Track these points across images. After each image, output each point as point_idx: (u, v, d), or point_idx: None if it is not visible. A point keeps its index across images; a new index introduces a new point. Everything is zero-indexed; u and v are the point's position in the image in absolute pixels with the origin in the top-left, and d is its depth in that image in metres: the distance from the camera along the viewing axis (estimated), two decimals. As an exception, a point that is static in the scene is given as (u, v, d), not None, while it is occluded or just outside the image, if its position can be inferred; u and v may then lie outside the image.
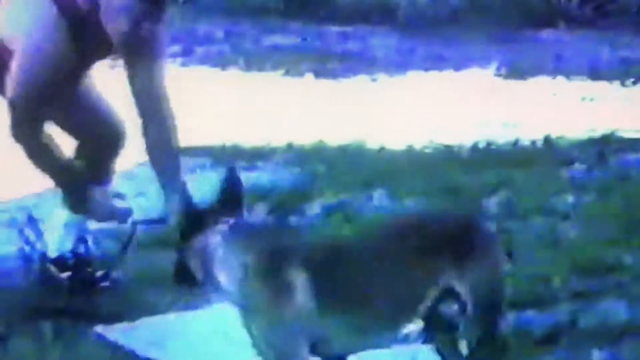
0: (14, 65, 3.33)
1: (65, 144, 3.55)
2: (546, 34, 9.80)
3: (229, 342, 3.20)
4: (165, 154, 3.37)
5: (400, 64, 8.45)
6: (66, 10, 3.32)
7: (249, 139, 5.56)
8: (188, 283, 2.67)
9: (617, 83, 7.62)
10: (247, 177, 4.93)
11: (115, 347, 3.19)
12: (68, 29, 3.33)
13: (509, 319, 3.27)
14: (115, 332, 3.27)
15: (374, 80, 7.99)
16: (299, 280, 2.49)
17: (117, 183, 5.00)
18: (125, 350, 3.17)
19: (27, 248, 3.91)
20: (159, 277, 3.39)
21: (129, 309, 3.45)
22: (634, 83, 7.61)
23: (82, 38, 3.34)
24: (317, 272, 2.51)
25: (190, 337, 3.24)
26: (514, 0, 10.28)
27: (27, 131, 3.39)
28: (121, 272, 3.64)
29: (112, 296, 3.56)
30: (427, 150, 5.71)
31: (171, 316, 3.40)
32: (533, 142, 5.71)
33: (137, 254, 3.90)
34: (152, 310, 3.43)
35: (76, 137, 3.62)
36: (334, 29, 9.28)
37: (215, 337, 3.24)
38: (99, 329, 3.29)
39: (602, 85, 7.62)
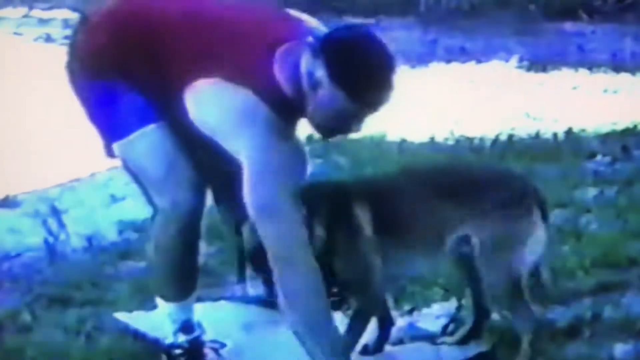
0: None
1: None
2: (568, 26, 9.77)
3: (251, 333, 3.21)
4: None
5: (422, 56, 8.44)
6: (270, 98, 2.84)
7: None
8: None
9: (640, 75, 7.60)
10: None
11: (138, 337, 3.21)
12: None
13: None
14: (138, 322, 3.28)
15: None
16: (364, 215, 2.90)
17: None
18: (147, 340, 3.18)
19: (50, 239, 3.94)
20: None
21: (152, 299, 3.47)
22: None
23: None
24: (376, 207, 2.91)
25: (212, 327, 3.25)
26: (536, -8, 10.25)
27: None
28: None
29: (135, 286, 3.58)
30: (449, 143, 5.70)
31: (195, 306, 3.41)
32: (555, 135, 5.70)
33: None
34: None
35: None
36: (356, 21, 9.27)
37: (237, 328, 3.25)
38: (121, 315, 3.30)
39: (625, 77, 7.59)
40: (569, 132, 5.75)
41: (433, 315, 3.27)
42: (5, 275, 3.72)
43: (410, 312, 3.32)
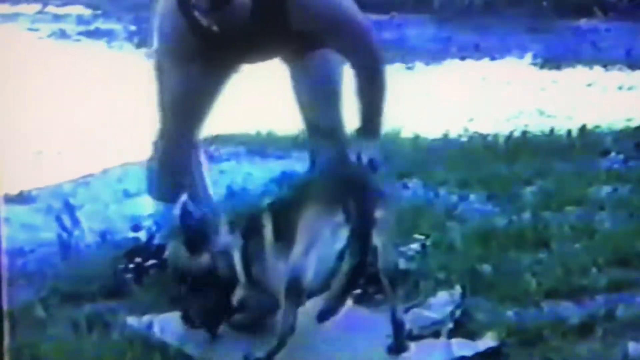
0: None
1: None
2: (583, 23, 9.75)
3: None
4: None
5: (436, 53, 8.44)
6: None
7: (283, 128, 5.56)
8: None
9: (654, 72, 7.58)
10: (281, 166, 4.99)
11: (147, 338, 3.20)
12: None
13: (544, 309, 3.29)
14: (148, 323, 3.27)
15: (409, 68, 7.98)
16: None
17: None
18: (157, 341, 3.18)
19: (64, 234, 3.95)
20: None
21: (160, 300, 3.47)
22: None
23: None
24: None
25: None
26: (551, -11, 10.23)
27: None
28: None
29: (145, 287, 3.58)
30: (462, 140, 5.69)
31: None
32: (569, 132, 5.68)
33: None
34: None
35: None
36: (370, 17, 9.27)
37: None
38: (132, 320, 3.30)
39: (639, 74, 7.58)
40: (582, 129, 5.73)
41: (439, 304, 3.27)
42: (19, 271, 3.73)
43: (417, 304, 3.32)
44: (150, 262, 3.62)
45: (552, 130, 5.76)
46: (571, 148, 5.35)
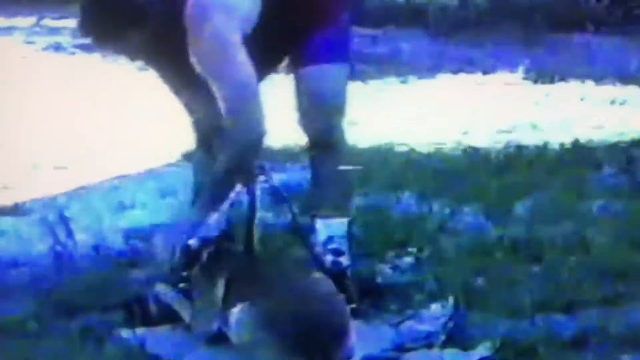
0: None
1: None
2: (575, 37, 9.78)
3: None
4: None
5: (429, 67, 8.46)
6: None
7: (278, 140, 5.57)
8: None
9: (646, 87, 7.61)
10: (276, 178, 4.99)
11: (140, 351, 3.20)
12: None
13: (537, 323, 3.29)
14: (142, 337, 3.27)
15: (403, 82, 8.00)
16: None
17: (144, 183, 5.08)
18: (150, 355, 3.18)
19: (58, 247, 3.95)
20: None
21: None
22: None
23: None
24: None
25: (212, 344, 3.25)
26: (543, 4, 10.27)
27: None
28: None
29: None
30: (456, 153, 5.71)
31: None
32: (561, 146, 5.70)
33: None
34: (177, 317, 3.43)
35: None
36: (364, 31, 9.30)
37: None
38: (125, 332, 3.30)
39: (632, 89, 7.60)
40: (575, 143, 5.75)
41: (432, 317, 3.28)
42: (13, 283, 3.73)
43: (410, 317, 3.32)
44: None
45: (545, 144, 5.78)
46: (564, 162, 5.36)
